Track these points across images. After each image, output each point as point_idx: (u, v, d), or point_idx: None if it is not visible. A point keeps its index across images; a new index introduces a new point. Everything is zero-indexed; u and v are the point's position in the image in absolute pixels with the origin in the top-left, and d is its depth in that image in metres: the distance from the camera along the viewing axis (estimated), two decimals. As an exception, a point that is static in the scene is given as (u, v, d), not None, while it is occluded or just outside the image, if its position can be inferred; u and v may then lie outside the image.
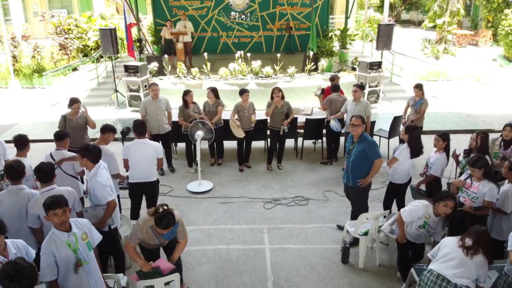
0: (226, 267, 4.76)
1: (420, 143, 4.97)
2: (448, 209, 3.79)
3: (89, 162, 4.11)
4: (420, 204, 3.96)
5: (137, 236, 3.64)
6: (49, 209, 3.03)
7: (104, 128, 5.11)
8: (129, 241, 3.69)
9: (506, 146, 5.24)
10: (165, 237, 3.66)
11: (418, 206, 3.96)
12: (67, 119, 6.07)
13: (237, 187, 6.76)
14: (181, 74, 11.16)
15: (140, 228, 3.62)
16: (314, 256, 4.94)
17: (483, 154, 4.62)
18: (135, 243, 3.68)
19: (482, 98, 12.15)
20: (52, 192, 3.72)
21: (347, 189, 5.27)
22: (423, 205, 3.95)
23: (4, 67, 14.58)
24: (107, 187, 4.06)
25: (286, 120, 7.04)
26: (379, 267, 4.77)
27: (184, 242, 3.87)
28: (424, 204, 3.95)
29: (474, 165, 4.10)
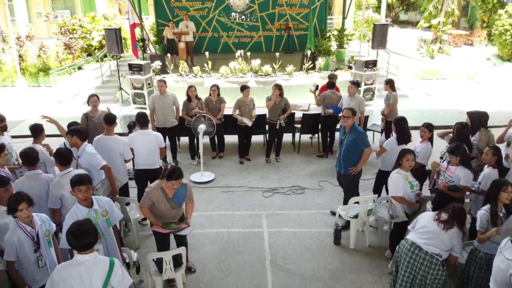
0: (227, 248, 5.16)
1: (407, 132, 5.35)
2: (410, 161, 4.42)
3: (78, 140, 4.75)
4: (393, 176, 4.49)
5: (149, 197, 4.01)
6: (75, 185, 3.44)
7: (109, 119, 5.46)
8: (143, 204, 4.06)
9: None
10: (174, 200, 4.06)
11: (393, 178, 4.48)
12: (88, 117, 6.38)
13: (237, 178, 7.16)
14: (183, 73, 11.54)
15: (151, 190, 4.02)
16: (308, 238, 5.34)
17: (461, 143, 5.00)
18: (148, 204, 4.04)
19: (475, 96, 12.53)
20: (70, 175, 4.11)
21: (339, 177, 5.67)
22: (395, 174, 4.47)
23: (10, 66, 15.00)
24: (97, 155, 4.70)
25: (283, 115, 7.42)
26: (369, 248, 5.16)
27: (193, 204, 4.31)
28: (395, 173, 4.49)
29: (452, 152, 4.50)
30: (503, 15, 15.87)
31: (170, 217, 4.14)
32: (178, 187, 3.99)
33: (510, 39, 15.44)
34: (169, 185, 3.95)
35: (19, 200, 3.23)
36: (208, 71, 11.50)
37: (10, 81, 14.53)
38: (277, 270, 4.73)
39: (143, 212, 4.12)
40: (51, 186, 4.20)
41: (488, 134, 5.45)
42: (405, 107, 10.92)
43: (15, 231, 3.28)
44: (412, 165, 4.49)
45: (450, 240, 3.61)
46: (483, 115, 5.54)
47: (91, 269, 2.72)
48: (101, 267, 2.75)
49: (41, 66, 14.38)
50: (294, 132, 8.40)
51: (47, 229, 3.49)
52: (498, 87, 13.39)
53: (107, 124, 5.35)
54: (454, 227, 3.61)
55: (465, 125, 5.24)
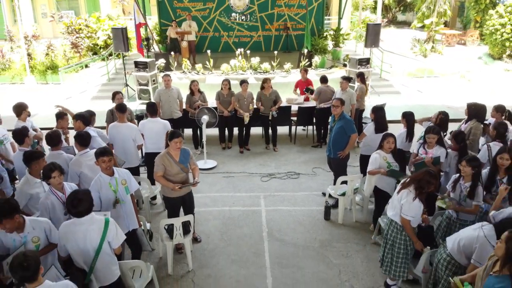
0: (229, 223, 5.75)
1: (384, 121, 5.94)
2: (390, 144, 4.94)
3: (81, 124, 5.40)
4: (373, 155, 5.06)
5: (161, 163, 4.59)
6: (99, 156, 4.05)
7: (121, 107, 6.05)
8: (157, 171, 4.62)
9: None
10: (181, 162, 4.66)
11: (372, 157, 5.05)
12: (114, 112, 6.81)
13: (237, 165, 7.75)
14: (186, 70, 12.16)
15: (161, 157, 4.62)
16: (301, 215, 5.94)
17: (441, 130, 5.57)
18: (161, 170, 4.60)
19: (465, 93, 13.10)
20: (87, 154, 4.73)
21: (329, 161, 6.28)
22: (375, 154, 5.04)
23: (18, 65, 15.60)
24: (97, 137, 5.38)
25: (274, 106, 8.03)
26: (355, 223, 5.76)
27: (197, 167, 4.92)
28: (375, 153, 5.05)
29: (432, 131, 5.06)
30: (493, 15, 16.47)
31: (180, 181, 4.70)
32: (180, 146, 4.60)
33: (500, 38, 16.03)
34: (173, 144, 4.56)
35: (53, 168, 3.83)
36: (209, 68, 12.10)
37: (19, 78, 15.11)
38: (273, 240, 5.33)
39: (159, 180, 4.65)
40: (71, 164, 4.78)
41: (476, 127, 5.95)
42: (397, 103, 11.53)
43: (48, 196, 3.88)
44: (392, 147, 5.04)
45: (399, 201, 4.02)
46: (481, 108, 6.04)
47: (90, 227, 3.35)
48: (98, 225, 3.37)
49: (49, 64, 14.97)
50: (291, 124, 9.00)
51: (75, 195, 4.08)
52: (488, 84, 13.99)
53: (119, 112, 5.93)
54: (408, 188, 3.98)
55: (446, 114, 5.82)
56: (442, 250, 3.73)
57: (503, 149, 4.46)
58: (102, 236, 3.31)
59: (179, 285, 4.52)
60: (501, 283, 2.77)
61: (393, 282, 4.40)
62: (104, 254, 3.36)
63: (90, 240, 3.31)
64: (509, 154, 4.35)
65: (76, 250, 3.33)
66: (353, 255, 5.03)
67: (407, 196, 3.96)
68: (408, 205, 3.94)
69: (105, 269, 3.43)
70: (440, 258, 3.71)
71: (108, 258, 3.42)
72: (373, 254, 5.03)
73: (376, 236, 5.28)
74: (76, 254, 3.34)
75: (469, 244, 3.46)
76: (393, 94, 12.90)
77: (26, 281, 2.66)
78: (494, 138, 5.31)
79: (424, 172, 3.98)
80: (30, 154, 4.25)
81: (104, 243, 3.33)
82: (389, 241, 4.20)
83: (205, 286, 4.51)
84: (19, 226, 3.35)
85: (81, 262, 3.36)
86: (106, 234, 3.32)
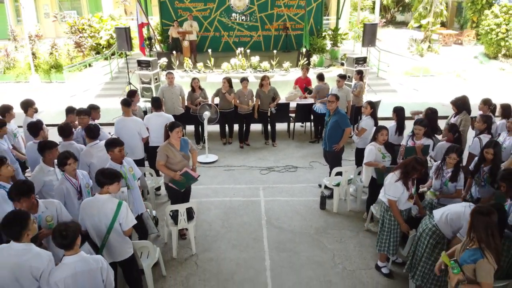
0: (230, 212, 6.07)
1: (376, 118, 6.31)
2: (384, 136, 5.25)
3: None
4: (368, 147, 5.37)
5: (163, 153, 4.90)
6: (110, 147, 4.34)
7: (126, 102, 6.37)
8: (159, 160, 4.93)
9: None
10: (181, 149, 5.00)
11: (368, 149, 5.35)
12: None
13: (238, 159, 8.06)
14: (188, 68, 12.48)
15: (163, 147, 4.94)
16: (298, 205, 6.25)
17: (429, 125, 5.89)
18: (164, 159, 4.91)
19: (460, 91, 13.34)
20: (97, 145, 5.05)
21: (325, 154, 6.59)
22: (370, 146, 5.34)
23: (22, 64, 15.91)
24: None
25: (272, 103, 8.35)
26: (349, 212, 6.08)
27: (196, 152, 5.32)
28: (370, 145, 5.35)
29: (419, 123, 5.38)
30: (489, 15, 16.78)
31: (182, 168, 5.00)
32: (181, 135, 4.96)
33: (496, 38, 16.35)
34: (174, 134, 4.89)
35: (68, 156, 4.14)
36: (210, 67, 12.41)
37: (23, 77, 15.42)
38: (271, 227, 5.65)
39: (161, 169, 4.96)
40: (82, 154, 5.08)
41: (466, 118, 6.31)
42: (393, 101, 11.83)
43: (63, 182, 4.19)
44: (386, 139, 5.37)
45: (385, 183, 4.41)
46: (466, 100, 6.46)
47: (105, 205, 3.68)
48: (111, 205, 3.69)
49: (53, 63, 15.28)
50: (289, 121, 9.31)
51: (87, 182, 4.40)
52: (483, 83, 14.31)
53: (125, 106, 6.24)
54: (395, 172, 4.33)
55: (434, 111, 6.14)
56: (428, 220, 4.01)
57: (489, 144, 4.79)
58: (114, 216, 3.62)
59: (183, 267, 4.83)
60: (474, 256, 3.08)
61: (383, 263, 4.71)
62: (116, 232, 3.68)
63: (103, 217, 3.63)
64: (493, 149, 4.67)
65: (91, 224, 3.66)
66: (347, 241, 5.34)
67: (391, 178, 4.31)
68: (389, 185, 4.30)
69: (118, 246, 3.75)
70: (425, 228, 3.98)
71: (120, 237, 3.74)
72: (366, 240, 5.34)
73: (368, 223, 5.59)
74: (91, 229, 3.68)
75: (457, 218, 3.76)
76: (390, 92, 13.21)
77: (64, 248, 2.97)
78: (483, 131, 5.63)
79: (412, 158, 4.32)
80: (45, 143, 4.56)
81: (116, 223, 3.65)
82: (380, 220, 4.54)
83: (207, 268, 4.82)
84: (33, 206, 3.63)
85: (95, 237, 3.69)
86: (118, 215, 3.64)
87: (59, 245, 2.95)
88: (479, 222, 3.09)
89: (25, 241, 2.99)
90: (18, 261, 2.92)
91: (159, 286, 4.51)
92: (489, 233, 3.04)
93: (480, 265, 3.03)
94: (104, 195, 3.69)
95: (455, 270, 3.14)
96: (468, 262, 3.10)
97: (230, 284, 4.55)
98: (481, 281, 3.03)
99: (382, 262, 4.72)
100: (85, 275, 2.96)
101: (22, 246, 2.96)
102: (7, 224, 2.96)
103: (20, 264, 2.92)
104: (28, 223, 2.99)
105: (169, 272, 4.74)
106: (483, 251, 3.04)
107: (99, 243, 3.69)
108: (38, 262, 2.96)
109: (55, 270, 2.95)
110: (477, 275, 3.06)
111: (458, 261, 3.21)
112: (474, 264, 3.07)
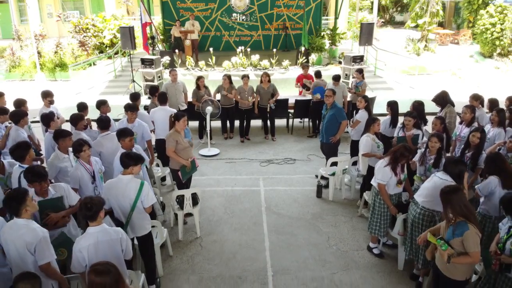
0: (232, 200, 6.44)
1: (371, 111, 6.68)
2: (376, 126, 5.64)
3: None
4: (364, 138, 5.70)
5: (173, 139, 5.28)
6: (121, 137, 4.71)
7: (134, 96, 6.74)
8: (170, 148, 5.30)
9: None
10: (186, 136, 5.42)
11: (363, 140, 5.68)
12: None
13: (239, 153, 8.43)
14: (190, 66, 12.85)
15: (171, 134, 5.32)
16: (296, 193, 6.63)
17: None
18: (173, 145, 5.29)
19: (454, 89, 13.75)
20: (109, 136, 5.41)
21: (322, 146, 6.96)
22: (366, 137, 5.66)
23: (27, 62, 16.28)
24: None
25: (272, 99, 8.71)
26: (344, 200, 6.45)
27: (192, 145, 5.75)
28: (366, 136, 5.67)
29: (409, 115, 5.75)
30: (484, 15, 17.14)
31: (188, 155, 5.43)
32: (186, 124, 5.40)
33: (491, 37, 16.71)
34: (181, 123, 5.32)
35: (82, 143, 4.50)
36: (212, 65, 12.78)
37: (28, 75, 15.79)
38: (270, 213, 6.02)
39: (172, 155, 5.34)
40: (93, 144, 5.43)
41: (451, 110, 6.68)
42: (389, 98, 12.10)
43: (78, 167, 4.54)
44: (378, 129, 5.74)
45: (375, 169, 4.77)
46: (445, 94, 6.82)
47: (129, 185, 4.03)
48: (134, 185, 4.05)
49: (57, 62, 15.65)
50: (288, 117, 9.68)
51: (99, 168, 4.77)
52: (477, 81, 14.67)
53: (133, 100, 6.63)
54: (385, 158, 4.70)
55: (421, 103, 6.52)
56: (414, 207, 4.35)
57: (476, 129, 5.17)
58: (137, 194, 3.99)
59: (189, 248, 5.20)
60: (460, 229, 3.41)
61: (374, 244, 5.08)
62: (138, 210, 4.04)
63: (128, 196, 4.00)
64: (480, 134, 5.04)
65: (117, 203, 4.02)
66: (341, 225, 5.71)
67: (381, 163, 4.67)
68: (378, 170, 4.67)
69: (139, 223, 4.11)
70: (415, 214, 4.32)
71: (142, 214, 4.10)
72: (359, 225, 5.70)
73: (362, 209, 5.96)
74: (117, 207, 4.04)
75: (433, 188, 4.10)
76: (387, 90, 13.56)
77: (88, 219, 3.31)
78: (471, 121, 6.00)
79: (401, 145, 4.68)
80: (59, 132, 4.92)
81: (138, 201, 4.01)
82: (371, 204, 4.91)
83: (211, 248, 5.18)
84: (44, 191, 3.95)
85: (120, 215, 4.05)
86: (140, 193, 4.00)
87: (84, 216, 3.30)
88: (452, 200, 3.44)
89: (25, 217, 3.29)
90: (17, 235, 3.23)
91: (167, 264, 4.88)
92: (463, 206, 3.39)
93: (467, 236, 3.35)
94: (127, 175, 4.05)
95: (443, 247, 3.44)
96: (455, 237, 3.42)
97: (232, 262, 4.92)
98: (470, 251, 3.34)
99: (374, 243, 5.09)
100: (105, 244, 3.31)
101: (22, 221, 3.27)
102: (8, 200, 3.32)
103: (18, 237, 3.22)
104: (26, 199, 3.28)
105: (176, 252, 5.11)
106: (467, 223, 3.38)
107: (124, 220, 4.05)
108: (32, 236, 3.20)
109: (80, 239, 3.32)
110: (465, 246, 3.37)
111: (444, 238, 3.54)
112: (461, 237, 3.39)
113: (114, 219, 4.06)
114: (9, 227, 3.30)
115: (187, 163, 5.33)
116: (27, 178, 3.89)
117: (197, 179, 6.90)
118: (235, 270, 4.78)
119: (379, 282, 4.60)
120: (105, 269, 2.69)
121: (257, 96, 8.79)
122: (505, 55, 17.16)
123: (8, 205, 3.34)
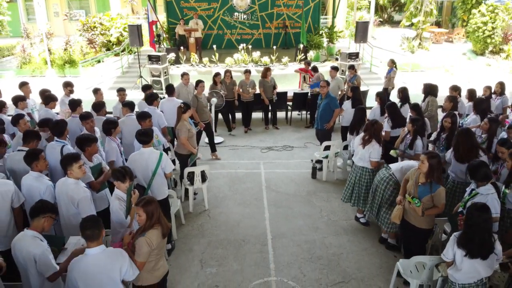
0: (235, 180, 7.17)
1: (360, 99, 7.37)
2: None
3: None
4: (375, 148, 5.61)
5: (186, 128, 5.96)
6: (141, 119, 5.45)
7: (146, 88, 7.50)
8: (184, 137, 5.95)
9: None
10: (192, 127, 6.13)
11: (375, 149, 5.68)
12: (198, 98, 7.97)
13: (241, 141, 9.16)
14: (194, 63, 13.56)
15: (183, 125, 5.97)
16: (293, 175, 7.36)
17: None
18: (187, 134, 5.96)
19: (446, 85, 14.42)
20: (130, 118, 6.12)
21: (317, 132, 7.69)
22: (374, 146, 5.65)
23: (38, 59, 16.99)
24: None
25: (274, 90, 9.51)
26: (336, 181, 7.18)
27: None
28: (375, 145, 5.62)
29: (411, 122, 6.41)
30: (476, 14, 17.84)
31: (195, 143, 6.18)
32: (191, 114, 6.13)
33: (482, 35, 17.42)
34: (188, 114, 6.02)
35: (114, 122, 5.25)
36: (215, 61, 13.50)
37: (39, 71, 16.49)
38: (270, 191, 6.75)
39: (185, 143, 6.00)
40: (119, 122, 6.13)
41: (432, 100, 7.38)
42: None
43: (110, 141, 5.26)
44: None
45: (368, 152, 5.34)
46: (434, 87, 7.54)
47: (149, 156, 4.76)
48: (155, 155, 4.78)
49: (67, 59, 16.36)
50: (287, 109, 10.41)
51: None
52: (469, 77, 15.38)
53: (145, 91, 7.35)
54: (371, 141, 5.30)
55: (405, 87, 7.28)
56: (384, 171, 5.05)
57: (447, 115, 5.87)
58: (157, 162, 4.72)
59: (198, 218, 5.94)
60: (434, 187, 4.18)
61: (361, 215, 5.80)
62: (158, 176, 4.76)
63: (150, 165, 4.72)
64: (451, 118, 5.75)
65: (140, 171, 4.74)
66: (332, 200, 6.44)
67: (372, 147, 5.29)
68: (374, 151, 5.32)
69: (158, 187, 4.82)
70: (382, 176, 5.01)
71: (161, 180, 4.83)
72: (348, 200, 6.42)
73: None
74: (139, 174, 4.74)
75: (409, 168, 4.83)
76: (381, 85, 14.24)
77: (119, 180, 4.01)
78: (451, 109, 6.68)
79: (368, 123, 5.46)
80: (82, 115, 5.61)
81: (159, 169, 4.73)
82: (357, 182, 5.59)
83: (218, 218, 5.92)
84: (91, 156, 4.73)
85: (142, 181, 4.76)
86: (160, 162, 4.73)
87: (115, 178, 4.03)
88: (435, 164, 4.16)
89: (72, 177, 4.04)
90: (61, 189, 4.04)
91: (180, 230, 5.61)
92: (440, 169, 4.18)
93: (440, 192, 4.20)
94: (147, 148, 4.80)
95: (418, 204, 4.22)
96: (432, 193, 4.19)
97: (236, 229, 5.65)
98: (440, 202, 4.20)
99: (360, 214, 5.81)
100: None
101: (35, 174, 4.15)
102: (25, 157, 4.19)
103: (63, 191, 4.04)
104: (39, 157, 4.15)
105: (187, 221, 5.84)
106: (439, 182, 4.21)
107: (145, 185, 4.76)
108: (74, 191, 3.97)
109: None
110: (435, 200, 4.22)
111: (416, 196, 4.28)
112: (432, 194, 4.19)
113: (137, 185, 4.77)
114: (61, 183, 4.06)
115: (195, 151, 6.05)
116: (77, 145, 4.67)
117: (203, 163, 7.62)
118: (239, 235, 5.51)
119: (363, 244, 5.33)
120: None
121: (261, 89, 9.48)
122: (496, 53, 17.87)
123: (26, 161, 4.19)
